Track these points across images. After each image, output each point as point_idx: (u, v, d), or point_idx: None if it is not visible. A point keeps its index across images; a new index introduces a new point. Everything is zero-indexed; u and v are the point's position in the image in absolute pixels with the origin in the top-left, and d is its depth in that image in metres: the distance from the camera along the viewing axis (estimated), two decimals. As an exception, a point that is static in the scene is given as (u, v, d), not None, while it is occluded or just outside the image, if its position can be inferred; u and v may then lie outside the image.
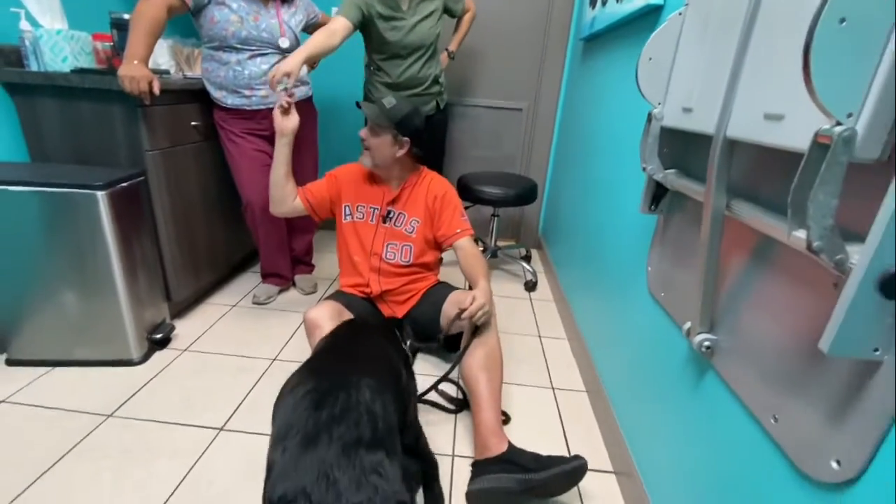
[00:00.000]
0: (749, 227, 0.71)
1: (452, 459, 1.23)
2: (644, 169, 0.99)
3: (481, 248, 2.55)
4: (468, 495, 1.08)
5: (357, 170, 1.56)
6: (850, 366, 0.54)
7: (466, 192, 2.21)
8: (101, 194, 1.32)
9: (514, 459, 1.09)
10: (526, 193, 2.22)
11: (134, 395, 1.39)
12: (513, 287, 2.33)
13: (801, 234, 0.51)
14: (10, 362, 1.47)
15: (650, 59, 0.93)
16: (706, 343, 0.81)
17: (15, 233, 1.34)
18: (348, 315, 1.41)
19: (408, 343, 1.24)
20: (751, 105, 0.63)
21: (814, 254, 0.50)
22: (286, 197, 1.52)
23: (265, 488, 0.61)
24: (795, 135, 0.53)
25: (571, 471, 1.05)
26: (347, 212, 1.56)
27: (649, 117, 0.95)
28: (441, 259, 1.71)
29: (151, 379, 1.47)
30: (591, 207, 1.75)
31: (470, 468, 1.14)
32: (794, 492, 0.61)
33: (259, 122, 1.74)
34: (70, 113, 1.49)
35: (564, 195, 2.30)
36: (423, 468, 1.05)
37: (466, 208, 2.54)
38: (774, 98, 0.58)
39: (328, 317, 1.32)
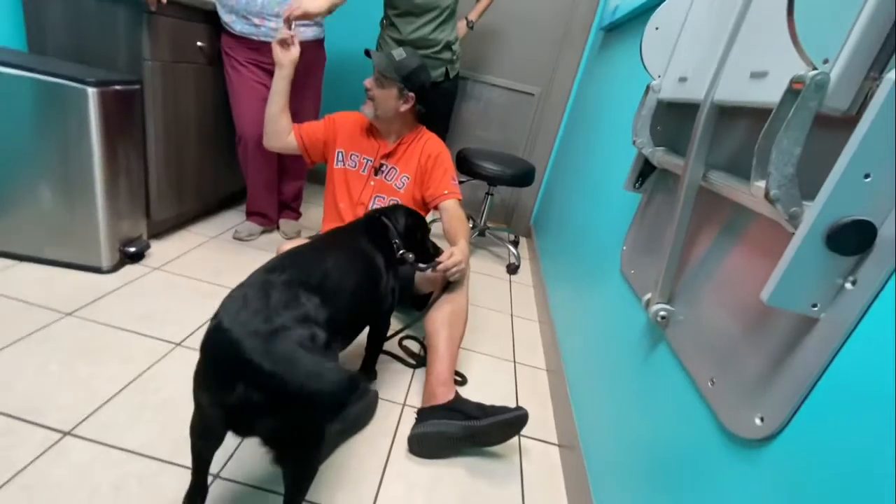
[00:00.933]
0: (720, 203, 0.71)
1: (402, 408, 1.24)
2: (634, 142, 0.99)
3: (470, 225, 2.56)
4: (410, 439, 1.09)
5: (356, 118, 1.54)
6: (786, 328, 0.54)
7: (464, 164, 2.21)
8: (91, 91, 1.30)
9: (459, 408, 1.10)
10: (522, 175, 2.21)
11: (97, 300, 1.38)
12: (495, 267, 2.33)
13: (762, 184, 0.51)
14: (-23, 249, 1.46)
15: (657, 28, 0.92)
16: (662, 313, 0.82)
17: (1, 117, 1.31)
18: None
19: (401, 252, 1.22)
20: (739, 67, 0.63)
21: (770, 203, 0.50)
22: (280, 132, 1.50)
23: (209, 324, 0.70)
24: (776, 90, 0.52)
25: (513, 419, 1.07)
26: (340, 157, 1.54)
27: (647, 89, 0.94)
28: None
29: (117, 289, 1.46)
30: (584, 198, 1.75)
31: (415, 415, 1.14)
32: (720, 450, 0.62)
33: (264, 53, 1.71)
34: (74, 7, 1.46)
35: (561, 187, 2.29)
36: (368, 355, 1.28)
37: (462, 182, 2.55)
38: (761, 57, 0.57)
39: None
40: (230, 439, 0.74)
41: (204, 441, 0.77)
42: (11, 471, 0.86)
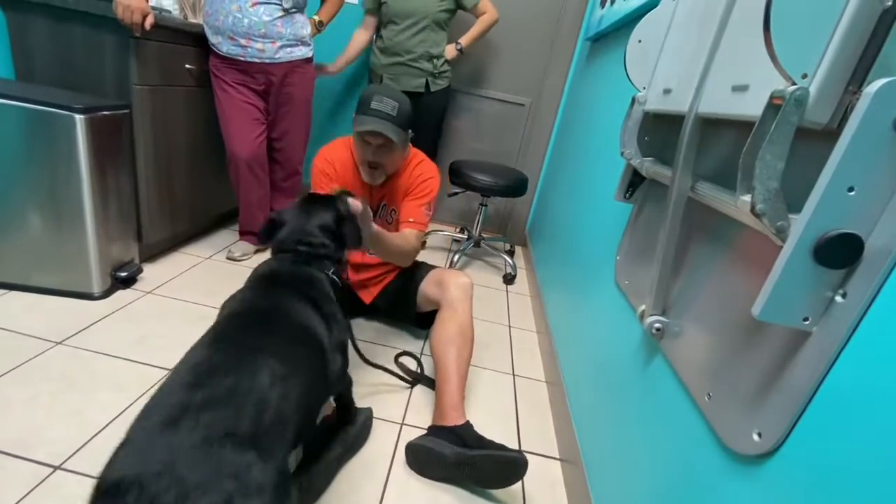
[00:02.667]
0: (710, 214, 0.71)
1: (401, 427, 1.22)
2: (622, 154, 0.99)
3: (465, 236, 2.56)
4: (407, 446, 1.10)
5: (343, 157, 1.42)
6: (780, 342, 0.54)
7: (457, 176, 2.21)
8: (79, 117, 1.30)
9: (462, 434, 1.09)
10: (515, 185, 2.22)
11: (88, 327, 1.37)
12: (491, 278, 2.33)
13: (747, 198, 0.51)
14: (-34, 280, 1.44)
15: (640, 41, 0.93)
16: (657, 325, 0.81)
17: (-14, 146, 1.31)
18: None
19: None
20: (721, 80, 0.63)
21: (757, 217, 0.50)
22: None
23: (105, 465, 0.49)
24: (757, 103, 0.52)
25: (505, 458, 1.01)
26: None
27: (633, 101, 0.95)
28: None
29: (109, 314, 1.44)
30: (577, 207, 1.76)
31: (426, 428, 1.15)
32: (719, 466, 0.61)
33: (253, 75, 1.72)
34: (61, 35, 1.47)
35: (554, 195, 2.30)
36: (341, 415, 1.08)
37: (455, 194, 2.56)
38: (742, 70, 0.58)
39: None
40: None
41: None
42: (0, 509, 0.84)
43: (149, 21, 1.40)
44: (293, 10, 1.68)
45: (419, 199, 1.42)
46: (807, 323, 0.49)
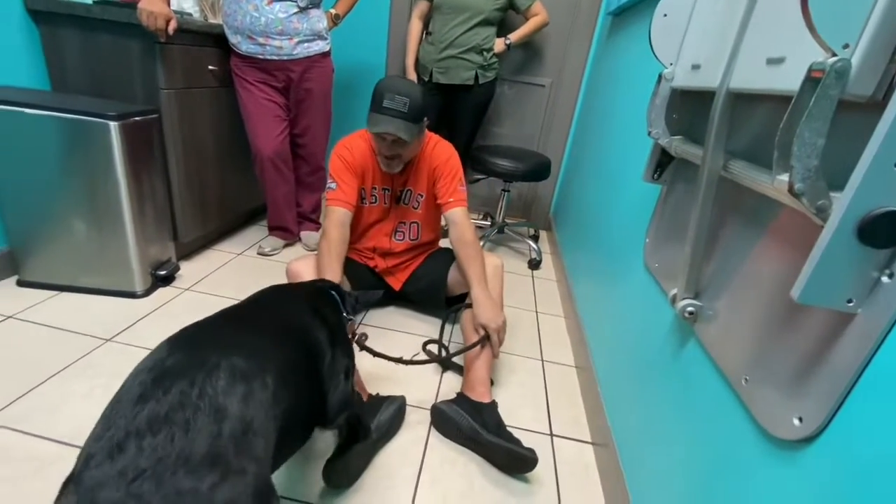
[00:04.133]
0: (744, 193, 0.69)
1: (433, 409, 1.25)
2: (650, 133, 0.96)
3: (489, 223, 2.55)
4: (433, 408, 1.18)
5: (363, 146, 1.41)
6: (822, 324, 0.52)
7: (478, 162, 2.19)
8: (113, 125, 1.35)
9: (484, 413, 1.12)
10: (538, 169, 2.18)
11: (133, 324, 1.44)
12: (516, 264, 2.31)
13: (785, 177, 0.49)
14: (21, 283, 1.54)
15: (665, 15, 0.89)
16: (689, 308, 0.80)
17: (31, 157, 1.38)
18: None
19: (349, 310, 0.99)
20: (755, 53, 0.60)
21: (795, 197, 0.48)
22: (347, 240, 1.36)
23: (60, 489, 0.45)
24: (795, 77, 0.50)
25: (514, 452, 1.04)
26: (362, 195, 1.46)
27: (659, 78, 0.91)
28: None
29: (152, 312, 1.52)
30: (602, 189, 1.72)
31: (456, 392, 1.23)
32: (756, 450, 0.60)
33: (272, 73, 1.74)
34: (91, 45, 1.52)
35: (578, 178, 2.26)
36: (351, 434, 0.99)
37: (477, 180, 2.55)
38: (777, 42, 0.55)
39: (311, 269, 1.33)
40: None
41: None
42: (67, 494, 0.90)
43: (172, 26, 1.43)
44: (309, 6, 1.69)
45: (451, 178, 1.43)
46: (851, 305, 0.47)
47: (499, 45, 2.20)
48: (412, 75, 2.30)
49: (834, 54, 0.43)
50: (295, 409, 0.63)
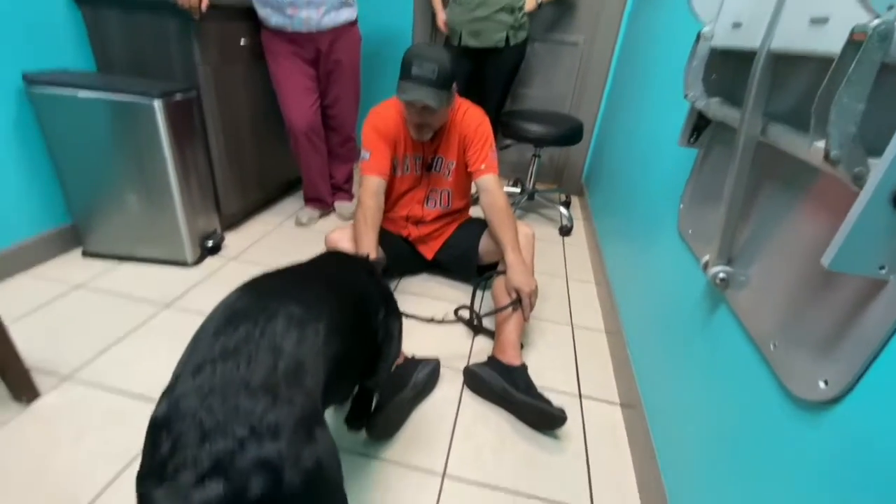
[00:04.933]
0: (782, 158, 0.67)
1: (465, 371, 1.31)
2: (686, 96, 0.94)
3: (519, 189, 2.53)
4: (465, 369, 1.26)
5: (395, 116, 1.43)
6: (853, 291, 0.52)
7: (507, 128, 2.17)
8: (157, 103, 1.42)
9: (515, 375, 1.17)
10: (569, 133, 2.14)
11: (187, 291, 1.56)
12: (547, 231, 2.31)
13: (821, 144, 0.49)
14: (85, 254, 1.68)
15: (706, -32, 0.84)
16: (721, 275, 0.80)
17: (86, 137, 1.47)
18: None
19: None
20: (798, 11, 0.58)
21: (832, 164, 0.48)
22: (381, 214, 1.42)
23: (159, 399, 0.54)
24: (838, 38, 0.48)
25: (543, 410, 1.10)
26: (394, 165, 1.48)
27: (698, 37, 0.88)
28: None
29: (203, 280, 1.63)
30: (637, 153, 1.68)
31: (488, 356, 1.28)
32: (781, 412, 0.62)
33: (301, 45, 1.76)
34: (130, 25, 1.57)
35: (612, 141, 2.19)
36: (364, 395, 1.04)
37: (507, 146, 2.52)
38: (822, 0, 0.53)
39: (349, 238, 1.38)
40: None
41: None
42: (141, 446, 1.02)
43: (205, 3, 1.46)
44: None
45: (481, 144, 1.43)
46: (883, 272, 0.48)
47: (530, 3, 2.13)
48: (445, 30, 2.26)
49: (877, 16, 0.42)
50: (344, 356, 0.71)
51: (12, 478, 0.92)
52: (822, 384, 0.54)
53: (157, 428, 0.49)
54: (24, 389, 1.07)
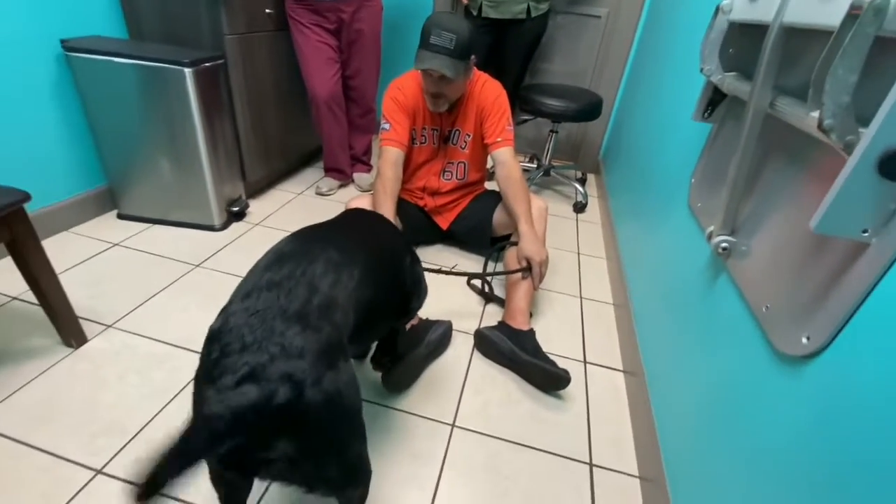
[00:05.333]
0: (789, 131, 0.70)
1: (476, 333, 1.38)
2: (702, 70, 0.95)
3: (535, 165, 2.55)
4: (476, 332, 1.33)
5: (414, 87, 1.47)
6: (841, 254, 0.56)
7: (525, 102, 2.17)
8: (188, 70, 1.47)
9: (522, 338, 1.24)
10: (588, 109, 2.14)
11: (215, 253, 1.65)
12: (561, 207, 2.34)
13: (816, 113, 0.52)
14: (120, 216, 1.77)
15: (727, -60, 0.85)
16: (723, 244, 0.84)
17: (120, 102, 1.54)
18: None
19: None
20: (810, -16, 0.60)
21: (824, 133, 0.51)
22: (399, 184, 1.47)
23: (218, 314, 0.64)
24: (842, 13, 0.51)
25: (548, 371, 1.17)
26: (412, 136, 1.52)
27: (716, 11, 0.89)
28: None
29: (229, 243, 1.72)
30: (654, 129, 1.68)
31: (498, 321, 1.35)
32: (768, 368, 0.67)
33: (325, 14, 1.79)
34: (161, -7, 1.62)
35: (631, 117, 2.18)
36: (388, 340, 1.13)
37: (524, 121, 2.52)
38: (832, -27, 0.55)
39: (368, 207, 1.44)
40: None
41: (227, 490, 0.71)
42: (179, 385, 1.12)
43: (233, -31, 1.49)
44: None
45: (498, 117, 1.46)
46: (866, 235, 0.51)
47: None
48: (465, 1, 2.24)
49: (876, -10, 0.45)
50: (376, 298, 0.80)
51: (67, 410, 1.03)
52: (804, 339, 0.59)
53: (211, 338, 0.59)
54: (73, 334, 1.18)
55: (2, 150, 1.42)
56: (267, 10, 1.81)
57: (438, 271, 1.30)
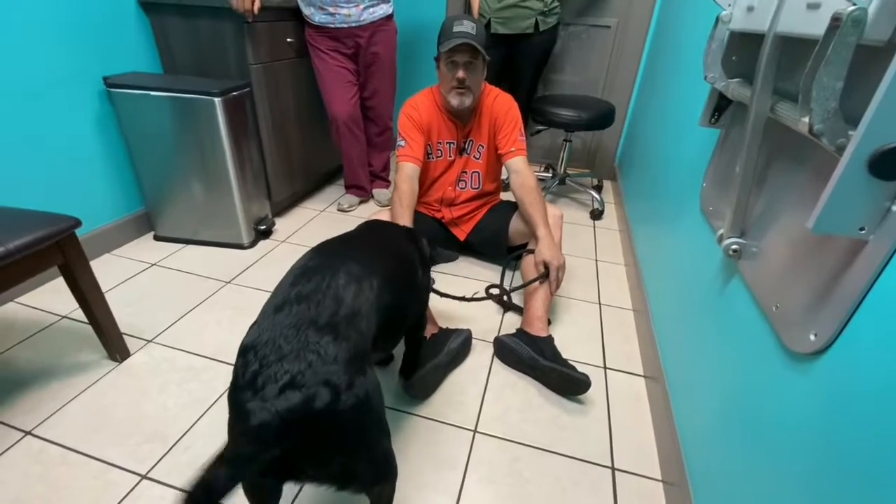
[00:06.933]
0: (790, 134, 0.72)
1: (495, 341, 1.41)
2: (706, 77, 0.98)
3: (550, 174, 2.58)
4: (495, 339, 1.35)
5: (428, 104, 1.54)
6: (842, 252, 0.58)
7: (538, 113, 2.21)
8: (217, 100, 1.58)
9: (542, 345, 1.26)
10: (600, 117, 2.16)
11: (245, 270, 1.73)
12: (578, 214, 2.36)
13: (807, 119, 0.54)
14: (157, 238, 1.89)
15: (723, -46, 0.88)
16: (734, 246, 0.86)
17: (157, 131, 1.66)
18: None
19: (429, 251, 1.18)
20: (799, -4, 0.63)
21: (816, 137, 0.53)
22: (416, 197, 1.49)
23: (250, 328, 0.69)
24: (826, 23, 0.54)
25: (568, 375, 1.18)
26: (428, 151, 1.59)
27: (717, 21, 0.92)
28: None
29: (257, 260, 1.80)
30: (667, 135, 1.70)
31: (516, 328, 1.38)
32: (779, 366, 0.68)
33: (342, 40, 1.88)
34: (192, 29, 1.74)
35: (644, 124, 2.20)
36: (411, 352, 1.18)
37: (538, 132, 2.56)
38: (817, -15, 0.58)
39: (388, 220, 1.49)
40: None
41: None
42: (215, 396, 1.19)
43: (257, 5, 1.60)
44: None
45: (511, 128, 1.52)
46: (863, 232, 0.53)
47: None
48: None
49: (853, 3, 0.47)
50: (393, 307, 0.84)
51: (114, 419, 1.10)
52: (812, 336, 0.60)
53: (247, 351, 0.63)
54: (118, 350, 1.26)
55: (54, 180, 1.54)
56: (288, 39, 1.92)
57: (462, 298, 1.34)
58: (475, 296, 1.39)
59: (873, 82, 0.51)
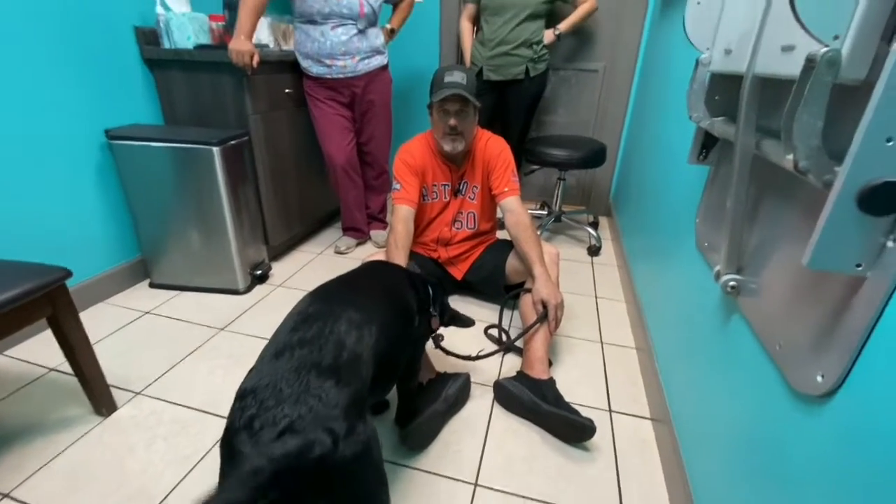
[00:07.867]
0: (778, 170, 0.72)
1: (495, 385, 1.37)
2: (691, 117, 1.00)
3: (545, 212, 2.60)
4: (495, 383, 1.32)
5: (422, 148, 1.57)
6: (841, 289, 0.56)
7: (532, 154, 2.26)
8: (215, 149, 1.61)
9: (543, 388, 1.21)
10: (592, 156, 2.20)
11: (240, 316, 1.71)
12: (575, 251, 2.35)
13: (791, 157, 0.54)
14: (152, 285, 1.87)
15: (698, 2, 0.92)
16: (731, 283, 0.84)
17: (156, 181, 1.68)
18: None
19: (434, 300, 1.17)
20: (773, 40, 0.64)
21: (802, 174, 0.53)
22: (411, 236, 1.50)
23: (247, 374, 0.68)
24: (801, 64, 0.55)
25: (572, 421, 1.13)
26: (424, 193, 1.61)
27: (697, 63, 0.95)
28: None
29: (253, 305, 1.78)
30: (659, 172, 1.72)
31: (517, 371, 1.34)
32: (787, 408, 0.65)
33: (339, 90, 1.95)
34: (193, 83, 1.80)
35: (636, 160, 2.24)
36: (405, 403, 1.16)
37: (532, 171, 2.61)
38: (789, 30, 0.59)
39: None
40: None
41: None
42: (202, 451, 1.14)
43: (256, 60, 1.66)
44: (367, 26, 1.86)
45: (503, 169, 1.55)
46: (860, 269, 0.52)
47: (548, 36, 2.25)
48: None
49: (826, 45, 0.49)
50: (389, 353, 0.84)
51: (97, 478, 1.05)
52: (819, 378, 0.58)
53: (245, 395, 0.61)
54: (104, 404, 1.22)
55: (49, 229, 1.55)
56: (287, 90, 1.98)
57: (467, 358, 1.33)
58: (480, 353, 1.37)
59: (856, 118, 0.52)
